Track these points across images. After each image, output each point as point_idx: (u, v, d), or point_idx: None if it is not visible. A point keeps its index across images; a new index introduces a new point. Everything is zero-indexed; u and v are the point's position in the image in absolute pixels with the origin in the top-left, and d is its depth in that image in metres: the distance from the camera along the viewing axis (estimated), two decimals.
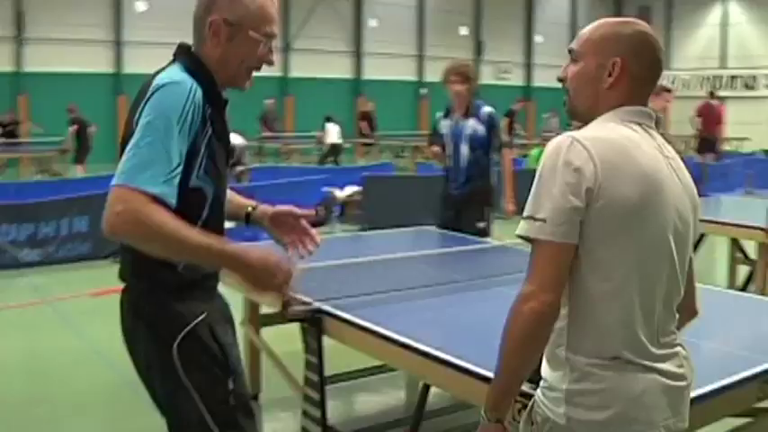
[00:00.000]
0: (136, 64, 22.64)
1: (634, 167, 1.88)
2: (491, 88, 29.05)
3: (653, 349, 1.91)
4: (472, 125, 6.11)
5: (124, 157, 2.19)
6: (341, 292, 3.43)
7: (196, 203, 2.35)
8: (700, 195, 2.13)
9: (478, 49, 30.51)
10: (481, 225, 6.03)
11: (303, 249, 2.67)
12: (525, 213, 1.90)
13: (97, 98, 22.43)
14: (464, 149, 6.13)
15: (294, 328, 3.77)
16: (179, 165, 2.22)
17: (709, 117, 18.54)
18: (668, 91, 9.14)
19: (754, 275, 6.85)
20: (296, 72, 25.84)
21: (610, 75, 2.03)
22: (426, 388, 3.39)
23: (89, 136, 17.56)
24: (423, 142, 23.83)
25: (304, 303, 3.32)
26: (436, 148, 6.30)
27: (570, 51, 2.13)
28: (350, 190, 12.52)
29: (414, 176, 15.35)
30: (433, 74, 29.39)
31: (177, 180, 2.21)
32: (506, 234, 7.48)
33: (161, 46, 23.48)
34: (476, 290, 3.77)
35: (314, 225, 2.74)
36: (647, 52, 2.05)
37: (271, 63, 2.49)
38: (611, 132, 1.95)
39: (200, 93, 2.30)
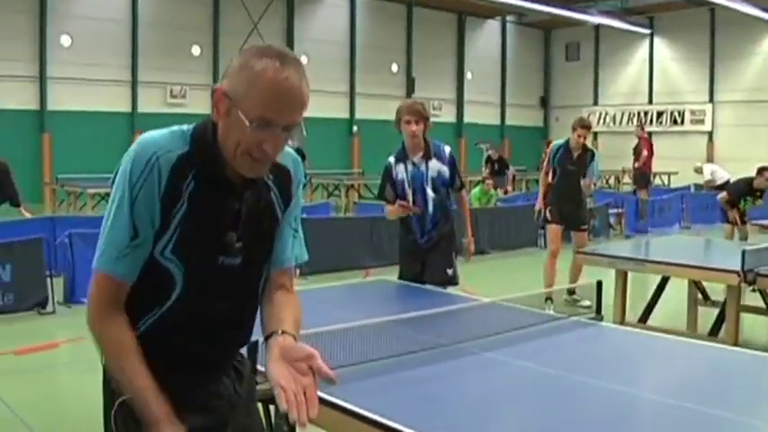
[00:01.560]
0: (60, 101, 21.91)
1: None
2: None
3: None
4: (435, 166, 5.65)
5: None
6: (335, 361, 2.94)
7: (161, 284, 2.10)
8: (642, 231, 1.74)
9: (410, 86, 30.39)
10: (450, 272, 5.60)
11: (296, 414, 1.87)
12: None
13: (20, 136, 21.43)
14: (429, 193, 5.65)
15: None
16: (134, 238, 2.03)
17: (650, 152, 18.89)
18: (584, 127, 9.03)
19: (724, 320, 6.52)
20: None
21: None
22: None
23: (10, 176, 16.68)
24: (357, 180, 23.80)
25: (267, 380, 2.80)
26: (403, 203, 5.66)
27: None
28: None
29: (353, 218, 14.92)
30: (365, 111, 29.54)
31: (137, 255, 2.05)
32: (471, 281, 7.23)
33: (86, 82, 22.98)
34: (464, 356, 3.30)
35: None
36: None
37: (260, 156, 2.02)
38: None
39: (172, 163, 2.01)
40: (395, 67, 30.33)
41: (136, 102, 23.67)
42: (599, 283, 4.10)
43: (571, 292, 8.25)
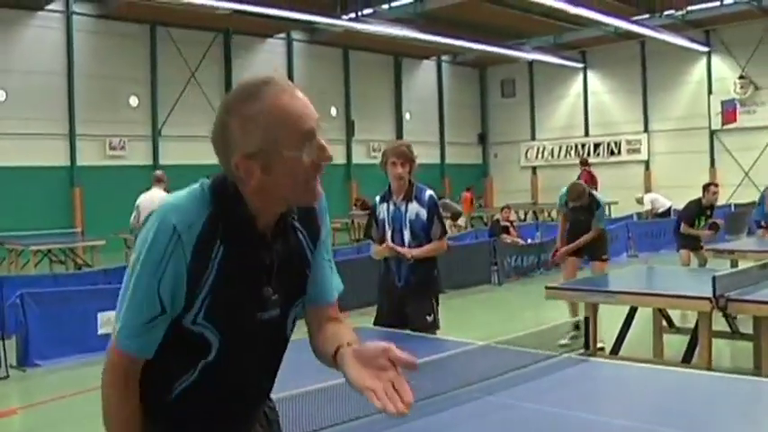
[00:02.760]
0: None
1: None
2: (364, 167, 29.06)
3: None
4: (414, 209, 5.61)
5: None
6: (334, 419, 2.84)
7: (195, 350, 2.00)
8: None
9: (350, 128, 30.47)
10: (430, 319, 5.51)
11: (394, 407, 1.75)
12: None
13: None
14: (406, 235, 5.61)
15: None
16: (155, 316, 1.91)
17: (592, 182, 19.35)
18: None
19: (695, 346, 6.54)
20: (166, 160, 24.96)
21: None
22: None
23: None
24: (359, 218, 23.79)
25: None
26: (392, 245, 5.64)
27: None
28: None
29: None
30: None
31: (156, 330, 1.94)
32: (453, 327, 7.13)
33: (22, 137, 22.50)
34: (467, 402, 3.22)
35: None
36: None
37: (328, 160, 1.96)
38: None
39: (197, 233, 1.89)
40: (334, 111, 30.39)
41: (74, 155, 23.21)
42: (587, 320, 4.07)
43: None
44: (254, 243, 1.97)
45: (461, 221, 20.50)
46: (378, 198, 5.86)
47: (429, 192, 5.72)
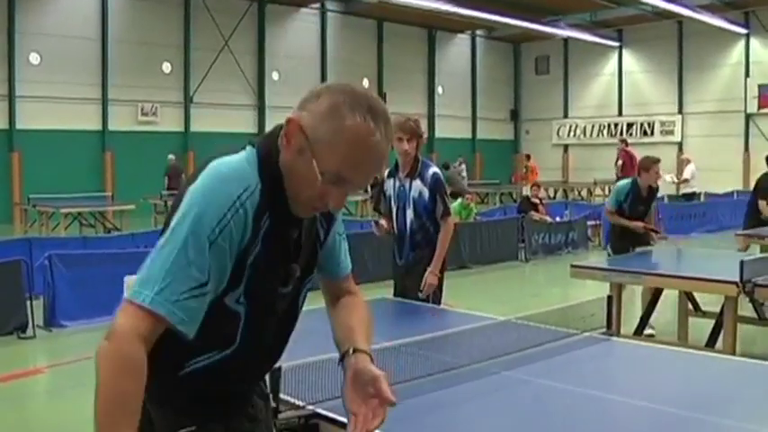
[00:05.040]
0: (30, 119, 21.60)
1: None
2: None
3: None
4: (417, 187, 5.49)
5: (145, 261, 1.79)
6: (335, 391, 2.83)
7: (227, 328, 1.95)
8: None
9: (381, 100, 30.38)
10: (421, 295, 5.45)
11: (360, 429, 1.92)
12: None
13: None
14: (409, 214, 5.52)
15: None
16: (204, 284, 1.78)
17: (629, 164, 19.20)
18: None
19: (719, 331, 6.48)
20: (197, 126, 25.10)
21: None
22: None
23: None
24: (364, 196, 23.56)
25: (295, 408, 2.71)
26: (383, 222, 5.65)
27: None
28: None
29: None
30: None
31: (201, 302, 1.80)
32: (453, 296, 7.09)
33: (56, 101, 22.74)
34: (485, 376, 3.20)
35: None
36: None
37: (325, 209, 1.94)
38: None
39: (256, 196, 1.83)
40: (366, 82, 30.30)
41: (106, 120, 23.40)
42: (609, 299, 4.03)
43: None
44: (289, 217, 1.94)
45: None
46: (386, 172, 5.74)
47: (432, 169, 5.57)
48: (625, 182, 8.55)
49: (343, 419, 2.63)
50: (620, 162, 19.86)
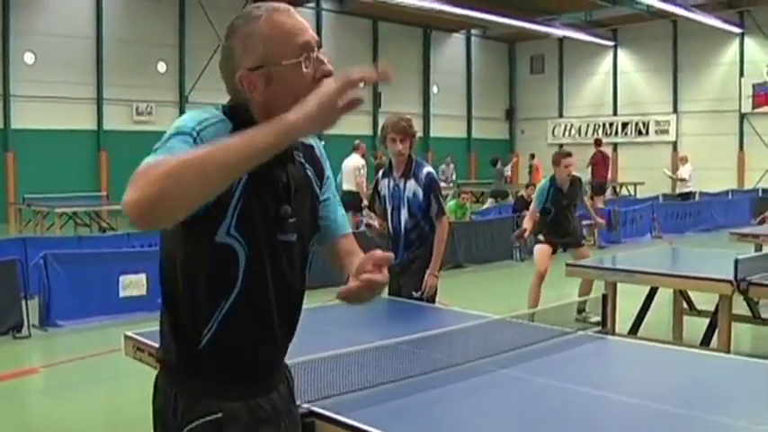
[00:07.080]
0: (25, 119, 21.56)
1: None
2: None
3: None
4: (411, 187, 5.50)
5: None
6: (331, 388, 2.84)
7: (226, 269, 2.00)
8: (615, 242, 1.69)
9: (377, 100, 30.37)
10: (416, 295, 5.43)
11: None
12: None
13: None
14: (403, 213, 5.54)
15: None
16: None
17: (601, 164, 20.70)
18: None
19: (714, 329, 6.49)
20: None
21: None
22: None
23: None
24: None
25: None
26: (375, 223, 5.65)
27: None
28: None
29: None
30: (343, 128, 29.40)
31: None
32: (448, 295, 7.12)
33: (50, 100, 22.66)
34: (480, 374, 3.22)
35: None
36: None
37: (329, 73, 2.01)
38: None
39: (228, 124, 1.96)
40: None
41: (101, 119, 23.37)
42: (604, 297, 4.05)
43: (581, 309, 7.49)
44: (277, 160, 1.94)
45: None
46: (380, 173, 5.78)
47: (426, 169, 5.58)
48: (543, 181, 9.30)
49: (340, 418, 2.67)
50: (589, 168, 20.38)
